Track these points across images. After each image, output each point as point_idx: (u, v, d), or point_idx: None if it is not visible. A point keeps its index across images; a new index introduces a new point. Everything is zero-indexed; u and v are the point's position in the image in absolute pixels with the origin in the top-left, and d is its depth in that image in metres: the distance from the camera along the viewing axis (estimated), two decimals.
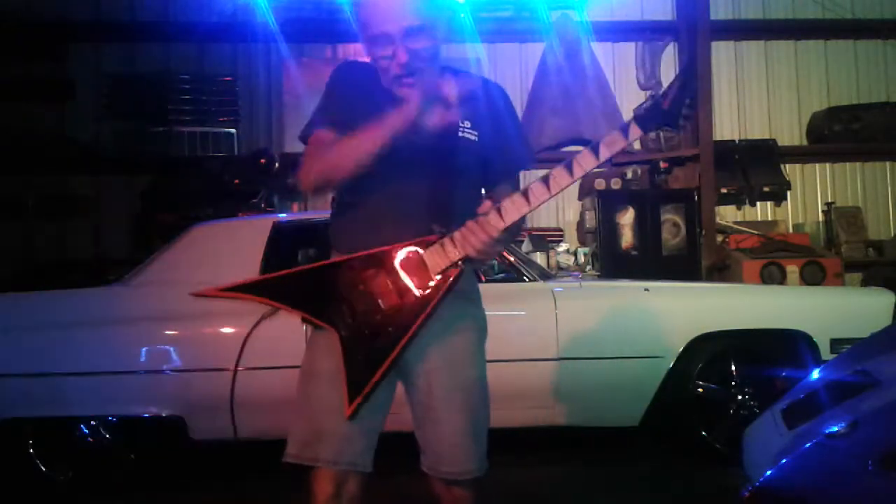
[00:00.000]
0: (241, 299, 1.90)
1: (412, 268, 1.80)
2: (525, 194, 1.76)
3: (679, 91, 1.74)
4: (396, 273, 1.81)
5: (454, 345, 1.90)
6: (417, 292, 1.80)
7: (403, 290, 1.80)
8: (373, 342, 1.79)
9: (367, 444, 1.88)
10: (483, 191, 1.99)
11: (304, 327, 1.96)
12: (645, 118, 1.74)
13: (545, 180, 1.75)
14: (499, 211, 1.75)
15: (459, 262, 1.80)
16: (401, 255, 1.81)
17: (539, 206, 1.77)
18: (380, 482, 1.99)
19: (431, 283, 1.79)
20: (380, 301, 1.81)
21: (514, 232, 1.88)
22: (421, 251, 1.80)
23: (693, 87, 1.77)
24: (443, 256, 1.79)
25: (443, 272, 1.79)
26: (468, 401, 1.89)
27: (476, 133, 1.89)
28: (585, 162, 1.74)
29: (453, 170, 1.87)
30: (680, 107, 1.73)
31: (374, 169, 1.81)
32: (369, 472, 1.90)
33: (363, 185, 1.85)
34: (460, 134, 1.87)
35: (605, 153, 1.73)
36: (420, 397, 1.90)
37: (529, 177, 1.98)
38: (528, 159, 2.02)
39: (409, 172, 1.83)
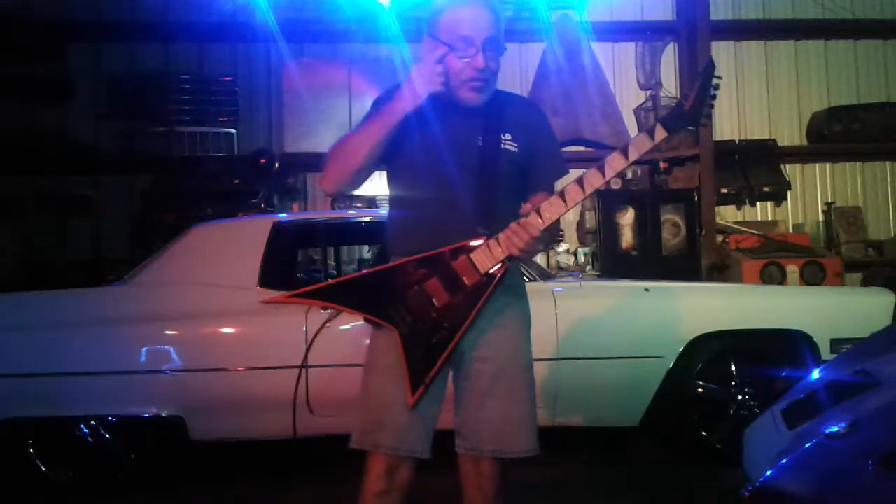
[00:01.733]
0: (308, 304, 2.04)
1: (462, 268, 1.96)
2: (562, 195, 1.91)
3: (700, 91, 1.87)
4: (448, 273, 1.96)
5: (502, 335, 2.05)
6: (468, 290, 1.96)
7: (455, 289, 1.96)
8: (430, 337, 1.95)
9: (425, 433, 2.02)
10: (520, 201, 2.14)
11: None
12: (669, 120, 1.90)
13: (580, 182, 1.91)
14: (538, 212, 1.91)
15: (505, 261, 1.95)
16: (451, 256, 1.97)
17: (574, 205, 1.93)
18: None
19: (480, 281, 1.95)
20: (434, 299, 1.96)
21: (554, 231, 2.07)
22: (469, 252, 1.96)
23: (713, 85, 1.89)
24: (489, 256, 1.94)
25: (490, 270, 1.95)
26: (514, 387, 2.03)
27: (516, 145, 2.06)
28: (616, 163, 1.90)
29: (496, 177, 2.03)
30: (702, 106, 1.88)
31: (423, 179, 2.02)
32: (427, 459, 2.03)
33: (413, 194, 2.06)
34: (502, 146, 2.04)
35: (633, 154, 1.89)
36: (468, 383, 2.04)
37: None
38: (561, 171, 2.19)
39: (455, 181, 2.00)
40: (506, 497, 2.06)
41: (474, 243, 1.95)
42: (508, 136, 2.05)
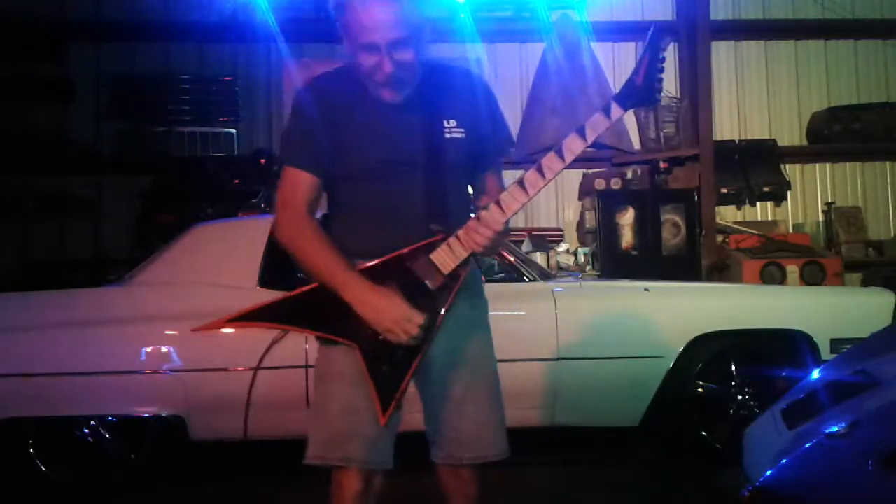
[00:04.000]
0: (252, 328, 1.93)
1: (423, 270, 1.81)
2: (521, 184, 1.79)
3: (650, 63, 1.79)
4: (408, 278, 1.81)
5: (471, 338, 1.97)
6: (432, 294, 1.81)
7: (417, 294, 1.80)
8: (395, 349, 1.79)
9: (390, 443, 1.91)
10: (468, 186, 2.02)
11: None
12: (623, 96, 1.80)
13: (539, 169, 1.79)
14: (499, 204, 1.79)
15: (469, 259, 1.82)
16: (409, 259, 1.81)
17: (536, 194, 1.81)
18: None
19: (444, 283, 1.81)
20: None
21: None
22: (429, 253, 1.81)
23: (661, 57, 1.81)
24: (451, 256, 1.80)
25: (453, 271, 1.81)
26: (486, 390, 1.97)
27: (462, 130, 1.91)
28: (574, 145, 1.79)
29: (445, 169, 1.89)
30: (654, 79, 1.79)
31: (369, 175, 1.86)
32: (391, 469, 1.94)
33: (359, 190, 1.89)
34: (447, 135, 1.90)
35: (591, 135, 1.79)
36: (440, 390, 1.94)
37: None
38: (509, 143, 2.09)
39: (403, 176, 1.86)
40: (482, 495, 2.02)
41: (433, 243, 1.80)
42: (453, 123, 1.90)
